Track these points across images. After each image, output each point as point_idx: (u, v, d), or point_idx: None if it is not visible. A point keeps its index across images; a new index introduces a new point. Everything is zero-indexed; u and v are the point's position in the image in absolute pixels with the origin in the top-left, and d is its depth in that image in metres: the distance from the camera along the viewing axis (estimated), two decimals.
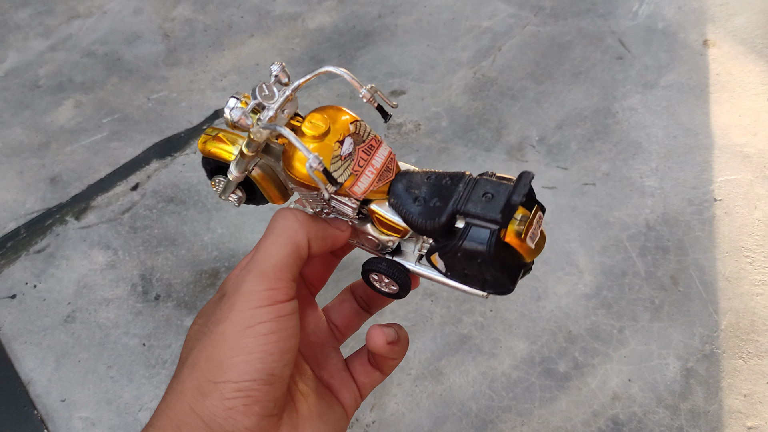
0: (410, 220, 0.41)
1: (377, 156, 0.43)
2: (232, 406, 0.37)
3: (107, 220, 1.03)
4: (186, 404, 0.38)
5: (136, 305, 0.94)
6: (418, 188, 0.42)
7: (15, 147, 1.14)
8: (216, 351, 0.38)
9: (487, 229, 0.38)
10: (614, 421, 0.81)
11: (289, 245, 0.41)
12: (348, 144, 0.41)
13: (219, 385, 0.37)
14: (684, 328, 0.88)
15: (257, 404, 0.38)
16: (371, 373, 0.49)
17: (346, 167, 0.41)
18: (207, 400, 0.37)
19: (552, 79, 1.18)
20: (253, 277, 0.39)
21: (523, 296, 0.91)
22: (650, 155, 1.05)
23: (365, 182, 0.42)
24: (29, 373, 0.89)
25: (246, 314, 0.38)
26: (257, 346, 0.38)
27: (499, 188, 0.39)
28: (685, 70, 1.17)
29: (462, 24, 1.29)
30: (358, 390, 0.49)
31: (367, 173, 0.42)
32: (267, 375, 0.38)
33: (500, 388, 0.84)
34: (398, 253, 0.47)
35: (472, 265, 0.39)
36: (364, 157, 0.42)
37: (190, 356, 0.40)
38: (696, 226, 0.97)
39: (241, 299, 0.39)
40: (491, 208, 0.38)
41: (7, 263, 0.99)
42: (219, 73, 1.24)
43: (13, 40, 1.32)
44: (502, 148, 1.08)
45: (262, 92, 0.40)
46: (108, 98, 1.21)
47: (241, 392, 0.37)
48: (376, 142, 0.43)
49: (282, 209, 0.43)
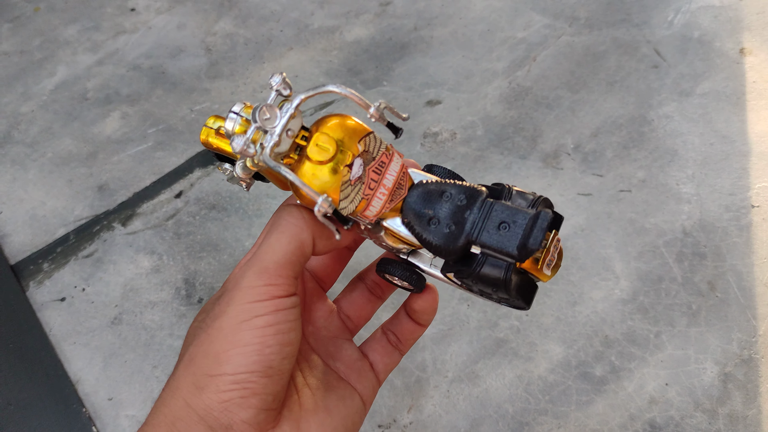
0: (424, 242, 0.41)
1: (388, 174, 0.41)
2: (229, 398, 0.37)
3: (152, 227, 1.07)
4: (181, 399, 0.38)
5: (180, 308, 0.97)
6: (432, 208, 0.40)
7: (64, 157, 1.18)
8: (212, 345, 0.38)
9: (503, 264, 0.38)
10: (651, 424, 0.81)
11: (293, 243, 0.39)
12: (357, 166, 0.39)
13: (215, 378, 0.37)
14: (722, 333, 0.88)
15: (254, 396, 0.37)
16: (390, 354, 0.49)
17: (357, 192, 0.39)
18: (203, 394, 0.37)
19: (587, 88, 1.19)
20: (253, 272, 0.39)
21: (559, 301, 0.92)
22: (686, 162, 1.06)
23: (377, 205, 0.40)
24: (78, 373, 0.92)
25: (243, 308, 0.38)
26: (254, 339, 0.37)
27: (516, 217, 0.38)
28: (721, 78, 1.17)
29: (497, 35, 1.31)
30: (376, 377, 0.49)
31: (378, 195, 0.40)
32: (264, 367, 0.37)
33: (536, 391, 0.85)
34: (414, 254, 0.46)
35: (487, 288, 0.39)
36: (374, 177, 0.40)
37: (186, 352, 0.39)
38: (733, 233, 0.97)
39: (239, 294, 0.38)
40: (508, 241, 0.37)
41: (57, 267, 1.03)
42: (259, 85, 1.28)
43: (63, 55, 1.37)
44: (537, 155, 1.09)
45: (263, 116, 0.37)
46: (153, 110, 1.25)
47: (238, 384, 0.37)
48: (387, 157, 0.41)
49: (287, 205, 0.42)
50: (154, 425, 0.38)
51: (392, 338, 0.50)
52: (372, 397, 0.48)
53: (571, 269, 0.95)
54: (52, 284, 1.01)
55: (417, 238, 0.41)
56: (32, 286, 1.01)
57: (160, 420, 0.38)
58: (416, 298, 0.48)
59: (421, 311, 0.48)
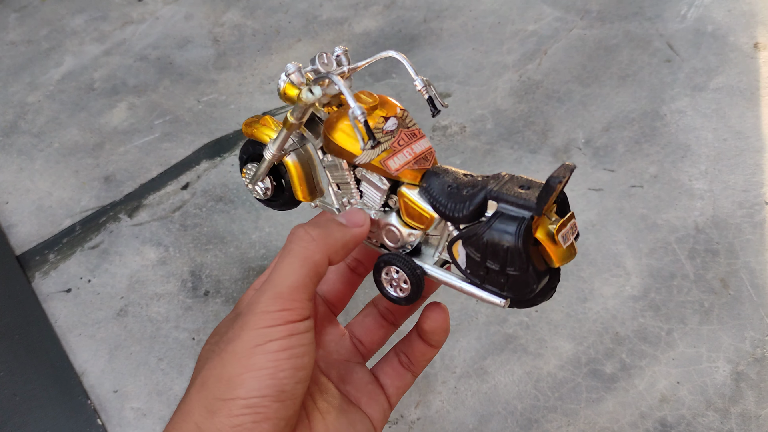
0: (439, 207, 0.40)
1: (418, 144, 0.43)
2: (240, 423, 0.36)
3: (158, 218, 1.06)
4: (192, 423, 0.37)
5: (186, 300, 0.96)
6: (452, 180, 0.41)
7: (71, 147, 1.18)
8: (225, 369, 0.38)
9: (517, 219, 0.36)
10: (662, 423, 0.80)
11: (306, 265, 0.40)
12: (392, 122, 0.41)
13: (227, 402, 0.37)
14: (734, 332, 0.86)
15: (266, 422, 0.36)
16: (402, 376, 0.49)
17: (385, 140, 0.41)
18: (215, 418, 0.37)
19: (599, 82, 1.17)
20: (267, 297, 0.39)
21: (569, 297, 0.91)
22: (699, 158, 1.04)
23: (401, 159, 0.41)
24: (83, 364, 0.91)
25: (257, 333, 0.38)
26: (267, 363, 0.37)
27: (535, 184, 0.37)
28: (735, 72, 1.16)
29: (507, 28, 1.29)
30: (387, 401, 0.48)
31: (404, 152, 0.42)
32: (277, 392, 0.37)
33: (546, 388, 0.84)
34: (417, 254, 0.45)
35: (496, 256, 0.37)
36: (405, 139, 0.42)
37: (199, 376, 0.39)
38: (747, 229, 0.95)
39: (254, 319, 0.38)
40: (527, 195, 0.36)
41: (62, 258, 1.02)
42: (267, 76, 1.27)
43: (70, 45, 1.37)
44: (547, 150, 1.08)
45: (321, 60, 0.40)
46: (160, 101, 1.24)
47: (250, 409, 0.36)
48: (419, 133, 0.43)
49: (296, 229, 0.42)
50: None
51: (404, 360, 0.49)
52: (383, 421, 0.47)
53: (581, 265, 0.94)
54: (57, 275, 1.01)
55: (431, 203, 0.41)
56: (38, 277, 1.00)
57: None
58: (426, 318, 0.46)
59: (431, 332, 0.46)
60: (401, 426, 0.83)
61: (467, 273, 0.40)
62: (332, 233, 0.42)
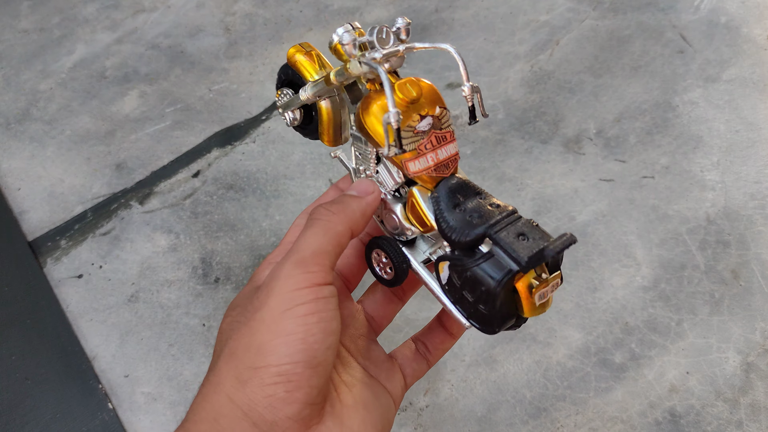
0: (441, 222, 0.40)
1: (444, 149, 0.42)
2: (273, 393, 0.35)
3: (169, 206, 1.07)
4: (223, 394, 0.36)
5: (197, 287, 0.97)
6: (464, 197, 0.41)
7: (83, 135, 1.18)
8: (255, 337, 0.37)
9: (505, 268, 0.37)
10: (671, 413, 0.80)
11: (328, 234, 0.40)
12: (426, 123, 0.41)
13: (259, 370, 0.36)
14: (745, 323, 0.86)
15: (299, 390, 0.36)
16: (418, 361, 0.49)
17: (414, 141, 0.41)
18: (246, 388, 0.36)
19: (611, 73, 1.17)
20: (291, 263, 0.38)
21: (579, 287, 0.91)
22: (711, 149, 1.04)
23: (422, 164, 0.41)
24: (94, 349, 0.92)
25: (284, 297, 0.37)
26: (297, 327, 0.36)
27: (536, 235, 0.37)
28: (748, 64, 1.15)
29: (519, 18, 1.29)
30: (404, 380, 0.48)
31: (428, 157, 0.41)
32: (309, 357, 0.36)
33: (555, 376, 0.84)
34: (410, 246, 0.45)
35: (474, 291, 0.38)
36: (434, 142, 0.41)
37: (226, 347, 0.38)
38: (758, 221, 0.95)
39: (279, 284, 0.38)
40: (522, 248, 0.36)
41: (74, 245, 1.03)
42: (278, 65, 1.27)
43: (82, 33, 1.37)
44: (559, 140, 1.08)
45: (380, 33, 0.39)
46: (171, 89, 1.24)
47: (282, 376, 0.36)
48: (450, 136, 0.42)
49: (316, 208, 0.42)
50: (196, 422, 0.37)
51: (422, 348, 0.49)
52: (400, 397, 0.47)
53: (591, 255, 0.94)
54: (69, 261, 1.01)
55: (437, 215, 0.41)
56: (50, 263, 1.01)
57: (202, 417, 0.37)
58: None
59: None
60: (410, 413, 0.83)
61: (444, 289, 0.41)
62: (350, 205, 0.42)
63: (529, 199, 1.01)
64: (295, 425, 0.36)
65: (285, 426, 0.36)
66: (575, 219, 0.98)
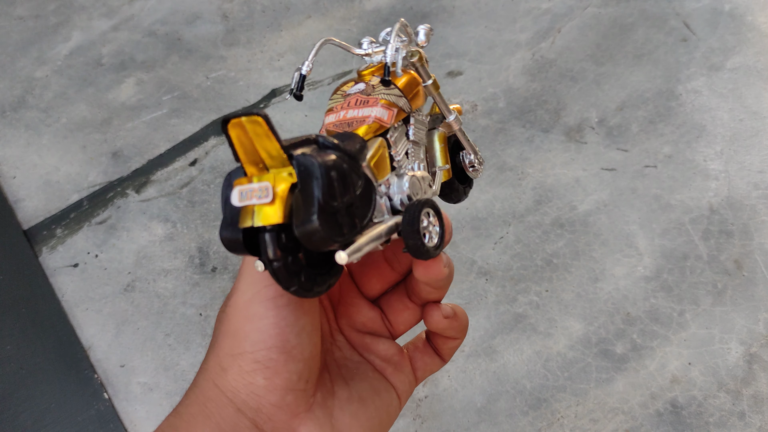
0: None
1: (359, 111, 0.41)
2: (253, 380, 0.36)
3: (166, 194, 1.05)
4: (210, 380, 0.37)
5: (194, 276, 0.96)
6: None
7: (79, 122, 1.17)
8: (231, 323, 0.37)
9: None
10: (673, 404, 0.79)
11: None
12: (357, 88, 0.42)
13: (237, 357, 0.36)
14: (748, 313, 0.85)
15: (277, 377, 0.36)
16: (431, 356, 0.47)
17: (336, 101, 0.42)
18: (228, 375, 0.36)
19: (613, 61, 1.15)
20: None
21: (580, 277, 0.90)
22: (715, 138, 1.03)
23: (330, 119, 0.41)
24: (90, 339, 0.91)
25: (251, 279, 0.36)
26: (267, 311, 0.35)
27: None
28: (752, 53, 1.13)
29: (521, 5, 1.27)
30: (414, 374, 0.46)
31: (339, 114, 0.41)
32: (282, 342, 0.35)
33: (555, 367, 0.83)
34: None
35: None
36: (351, 103, 0.41)
37: (214, 334, 0.39)
38: (762, 211, 0.94)
39: (246, 267, 0.37)
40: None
41: (70, 233, 1.02)
42: (276, 53, 1.25)
43: (78, 20, 1.35)
44: (560, 129, 1.06)
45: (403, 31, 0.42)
46: (168, 77, 1.23)
47: (259, 363, 0.35)
48: (372, 101, 0.41)
49: None
50: (187, 405, 0.38)
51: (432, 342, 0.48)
52: (408, 393, 0.46)
53: (593, 245, 0.93)
54: (65, 250, 1.00)
55: None
56: (45, 252, 1.00)
57: (192, 401, 0.38)
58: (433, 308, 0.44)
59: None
60: (409, 404, 0.82)
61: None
62: None
63: (530, 188, 0.99)
64: (280, 412, 0.36)
65: (270, 413, 0.36)
66: (577, 208, 0.96)
